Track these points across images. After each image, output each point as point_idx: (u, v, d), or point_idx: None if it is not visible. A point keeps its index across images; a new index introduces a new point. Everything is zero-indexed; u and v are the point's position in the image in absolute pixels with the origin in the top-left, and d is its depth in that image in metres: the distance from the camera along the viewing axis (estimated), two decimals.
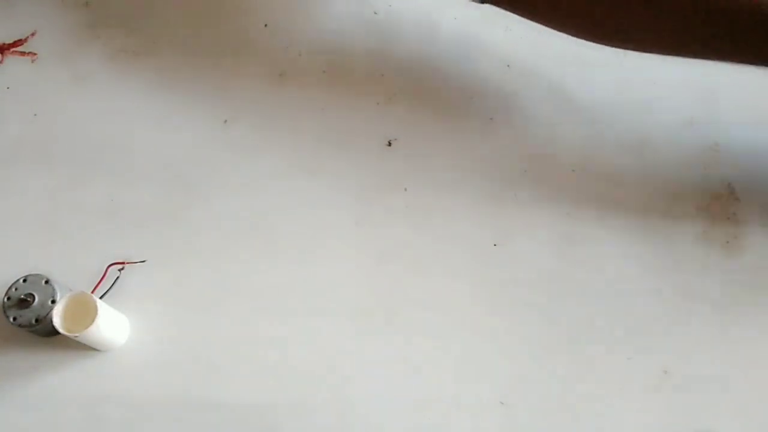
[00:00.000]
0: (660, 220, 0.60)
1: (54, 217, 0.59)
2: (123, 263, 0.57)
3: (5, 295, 0.54)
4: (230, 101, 0.64)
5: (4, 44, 0.65)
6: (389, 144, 0.62)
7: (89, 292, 0.52)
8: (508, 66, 0.65)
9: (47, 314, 0.52)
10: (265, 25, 0.66)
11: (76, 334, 0.50)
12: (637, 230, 0.59)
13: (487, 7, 0.58)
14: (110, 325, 0.53)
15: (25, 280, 0.54)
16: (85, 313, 0.51)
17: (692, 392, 0.55)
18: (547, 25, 0.56)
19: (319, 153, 0.62)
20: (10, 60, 0.65)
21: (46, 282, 0.54)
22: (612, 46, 0.55)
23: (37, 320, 0.53)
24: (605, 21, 0.53)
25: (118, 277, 0.56)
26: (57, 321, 0.50)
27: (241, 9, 0.68)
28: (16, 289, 0.54)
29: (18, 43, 0.66)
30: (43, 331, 0.54)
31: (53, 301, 0.53)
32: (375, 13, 0.67)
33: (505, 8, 0.57)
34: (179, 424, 0.53)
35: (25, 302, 0.53)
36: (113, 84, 0.64)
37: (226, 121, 0.63)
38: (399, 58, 0.66)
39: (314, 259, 0.58)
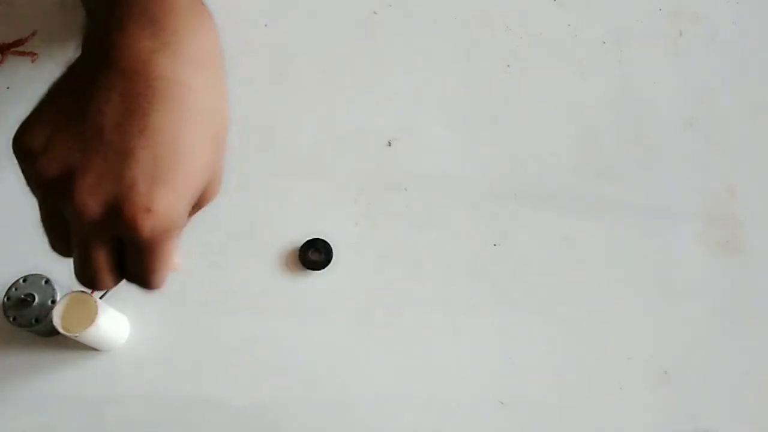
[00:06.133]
0: (660, 220, 0.60)
1: None
2: None
3: (5, 295, 0.54)
4: (230, 101, 0.63)
5: (4, 44, 0.65)
6: (389, 144, 0.62)
7: (89, 292, 0.52)
8: (508, 66, 0.65)
9: (47, 314, 0.52)
10: (265, 25, 0.66)
11: (76, 334, 0.50)
12: (637, 230, 0.59)
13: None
14: (110, 325, 0.53)
15: (25, 280, 0.54)
16: (85, 313, 0.51)
17: (692, 392, 0.55)
18: None
19: (319, 153, 0.62)
20: (10, 60, 0.65)
21: (46, 282, 0.54)
22: None
23: (37, 320, 0.53)
24: None
25: None
26: (57, 321, 0.50)
27: (241, 9, 0.68)
28: (16, 289, 0.54)
29: (18, 43, 0.65)
30: (43, 331, 0.54)
31: (53, 301, 0.53)
32: (375, 12, 0.67)
33: None
34: (179, 424, 0.53)
35: (25, 302, 0.53)
36: None
37: None
38: (399, 57, 0.65)
39: None
